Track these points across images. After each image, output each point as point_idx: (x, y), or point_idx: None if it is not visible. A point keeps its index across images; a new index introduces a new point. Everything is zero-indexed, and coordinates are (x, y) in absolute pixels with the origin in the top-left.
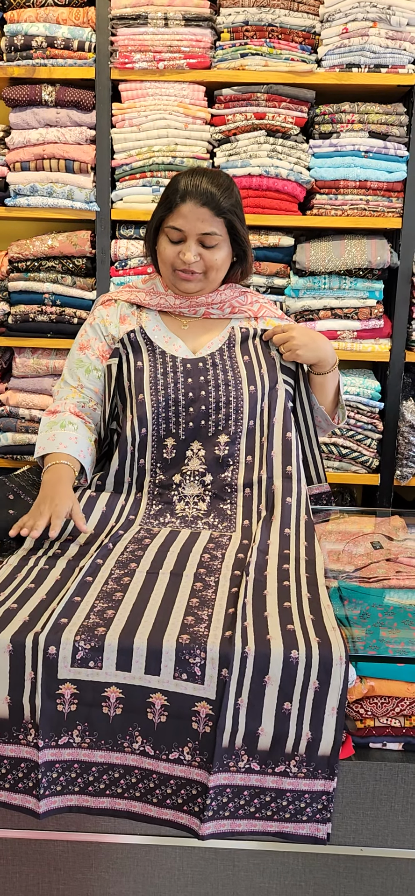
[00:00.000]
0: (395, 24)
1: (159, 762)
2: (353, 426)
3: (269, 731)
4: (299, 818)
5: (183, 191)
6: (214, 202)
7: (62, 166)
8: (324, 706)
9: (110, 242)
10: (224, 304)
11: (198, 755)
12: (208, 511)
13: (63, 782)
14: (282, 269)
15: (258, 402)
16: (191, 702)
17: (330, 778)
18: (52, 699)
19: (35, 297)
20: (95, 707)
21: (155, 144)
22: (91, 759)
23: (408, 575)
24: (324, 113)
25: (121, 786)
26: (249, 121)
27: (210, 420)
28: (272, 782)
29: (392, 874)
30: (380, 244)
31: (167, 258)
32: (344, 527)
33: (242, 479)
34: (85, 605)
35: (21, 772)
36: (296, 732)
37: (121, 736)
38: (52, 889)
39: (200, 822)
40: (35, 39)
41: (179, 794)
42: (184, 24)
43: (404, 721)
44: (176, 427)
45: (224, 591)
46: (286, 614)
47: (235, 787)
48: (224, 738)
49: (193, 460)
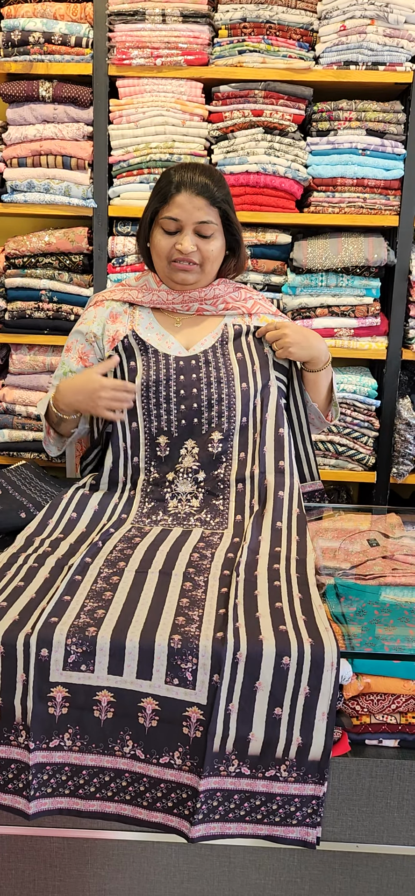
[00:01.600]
0: (393, 21)
1: (150, 766)
2: (349, 424)
3: (259, 737)
4: (289, 822)
5: (178, 182)
6: (209, 192)
7: (59, 162)
8: (314, 711)
9: (107, 239)
10: (217, 299)
11: (188, 760)
12: (201, 508)
13: (53, 784)
14: (279, 266)
15: (251, 400)
16: (182, 707)
17: (320, 783)
18: (43, 702)
19: (32, 293)
20: (87, 710)
21: (152, 141)
22: (82, 763)
23: (404, 572)
24: (321, 110)
25: (111, 789)
26: (247, 118)
27: (203, 417)
28: (262, 786)
29: (388, 870)
30: (377, 242)
31: (163, 250)
32: (340, 524)
33: (235, 475)
34: (75, 604)
35: (11, 773)
36: (286, 737)
37: (112, 740)
38: (47, 885)
39: (190, 825)
40: (32, 35)
41: (170, 798)
42: (181, 20)
43: (400, 718)
44: (168, 425)
45: (214, 592)
46: (278, 614)
47: (226, 791)
48: (215, 742)
49: (187, 458)
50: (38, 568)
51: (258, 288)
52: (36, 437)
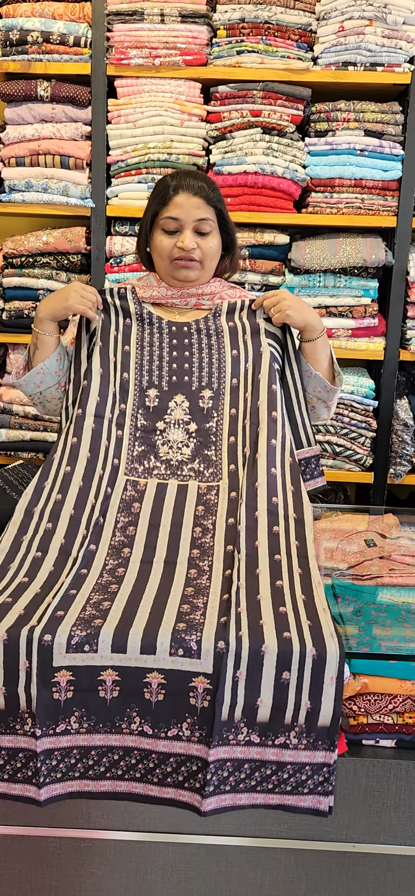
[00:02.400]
0: (391, 22)
1: (158, 741)
2: (347, 424)
3: (268, 702)
4: (301, 791)
5: (176, 185)
6: (204, 192)
7: (57, 162)
8: (322, 675)
9: (105, 239)
10: (214, 295)
11: (197, 730)
12: (193, 456)
13: (63, 769)
14: (277, 266)
15: (242, 364)
16: (188, 678)
17: (330, 749)
18: (47, 688)
19: (30, 293)
20: (92, 692)
21: (151, 141)
22: (90, 744)
23: (401, 573)
24: (320, 111)
25: (121, 768)
26: (245, 118)
27: (193, 377)
28: (273, 755)
29: (384, 870)
30: (375, 242)
31: (164, 249)
32: (338, 524)
33: (227, 429)
34: (80, 597)
35: (19, 762)
36: (295, 702)
37: (119, 718)
38: (44, 885)
39: (201, 798)
40: (31, 34)
41: (180, 772)
42: (180, 20)
43: (397, 718)
44: (159, 380)
45: (218, 576)
46: (278, 594)
47: (236, 761)
48: (223, 711)
49: (177, 410)
50: (43, 558)
51: (256, 288)
52: (33, 437)
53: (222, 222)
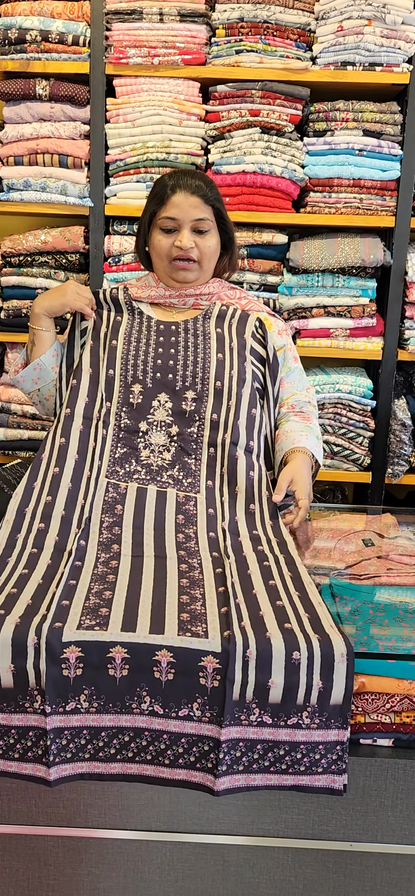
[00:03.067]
0: (390, 22)
1: (169, 721)
2: (345, 424)
3: (279, 683)
4: (315, 770)
5: (173, 184)
6: (202, 192)
7: (56, 161)
8: (333, 653)
9: (104, 238)
10: (213, 295)
11: (208, 710)
12: (173, 462)
13: (73, 749)
14: (275, 266)
15: (226, 369)
16: (197, 656)
17: (343, 727)
18: (56, 664)
19: (28, 292)
20: (101, 669)
21: (149, 140)
22: (100, 724)
23: (399, 572)
24: (318, 111)
25: (132, 749)
26: (244, 118)
27: (178, 375)
28: (285, 735)
29: (381, 869)
30: (373, 242)
31: (163, 249)
32: (336, 524)
33: (208, 437)
34: (82, 586)
35: (30, 740)
36: (307, 682)
37: (129, 697)
38: (42, 884)
39: (214, 779)
40: (29, 33)
41: (192, 752)
42: (179, 19)
43: (395, 717)
44: (144, 375)
45: (210, 572)
46: (273, 590)
47: (248, 742)
48: (234, 691)
49: (160, 411)
50: (39, 553)
51: (254, 288)
52: (31, 436)
53: (221, 221)
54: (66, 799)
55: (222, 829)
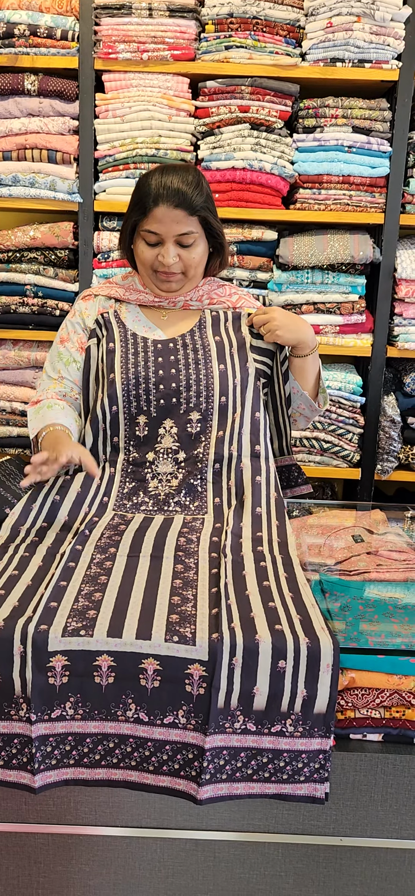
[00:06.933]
0: (379, 19)
1: (154, 728)
2: (334, 420)
3: (264, 691)
4: (297, 778)
5: (155, 194)
6: (187, 202)
7: (44, 156)
8: (318, 663)
9: (93, 234)
10: (203, 296)
11: (193, 718)
12: (179, 488)
13: (58, 756)
14: (265, 263)
15: (230, 379)
16: (184, 664)
17: (326, 736)
18: (42, 672)
19: (17, 288)
20: (87, 677)
21: (138, 136)
22: (85, 731)
23: (388, 568)
24: (308, 107)
25: (116, 756)
26: (234, 114)
27: (181, 398)
28: (269, 743)
29: (371, 863)
30: (363, 239)
31: (146, 261)
32: (325, 520)
33: (213, 455)
34: (72, 588)
35: (14, 748)
36: (291, 690)
37: (114, 705)
38: (32, 882)
39: (197, 787)
40: (17, 27)
41: (176, 760)
42: (168, 14)
43: (384, 712)
44: (147, 405)
45: (205, 572)
46: (266, 591)
47: (232, 749)
48: (219, 698)
49: (166, 437)
50: (30, 557)
51: (244, 284)
52: (20, 433)
53: (208, 227)
54: (56, 796)
55: (213, 825)
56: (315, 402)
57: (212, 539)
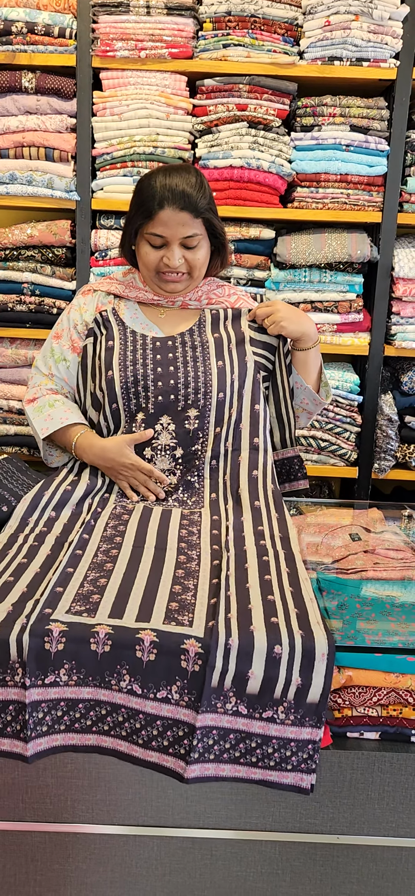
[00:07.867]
0: (377, 17)
1: (147, 701)
2: (332, 419)
3: (259, 675)
4: (284, 767)
5: (161, 197)
6: (192, 205)
7: (42, 154)
8: (313, 653)
9: (90, 232)
10: (202, 295)
11: (186, 694)
12: (178, 485)
13: (49, 722)
14: (263, 261)
15: (228, 376)
16: (181, 639)
17: (317, 726)
18: (39, 637)
19: (14, 286)
20: (84, 643)
21: (136, 134)
22: (78, 696)
23: (385, 566)
24: (306, 106)
25: (107, 723)
26: (231, 112)
27: (179, 395)
28: (259, 727)
29: (368, 861)
30: (360, 238)
31: (150, 263)
32: (322, 519)
33: (210, 451)
34: (78, 574)
35: (9, 715)
36: (285, 677)
37: (109, 674)
38: (29, 880)
39: (185, 765)
40: (15, 25)
41: (165, 736)
42: (166, 12)
43: (381, 710)
44: (146, 402)
45: (207, 563)
46: (266, 585)
47: (222, 730)
48: (213, 677)
49: (164, 434)
50: (39, 546)
51: (242, 283)
52: (17, 432)
53: (211, 228)
54: (53, 794)
55: (210, 823)
56: (319, 396)
57: (212, 532)
